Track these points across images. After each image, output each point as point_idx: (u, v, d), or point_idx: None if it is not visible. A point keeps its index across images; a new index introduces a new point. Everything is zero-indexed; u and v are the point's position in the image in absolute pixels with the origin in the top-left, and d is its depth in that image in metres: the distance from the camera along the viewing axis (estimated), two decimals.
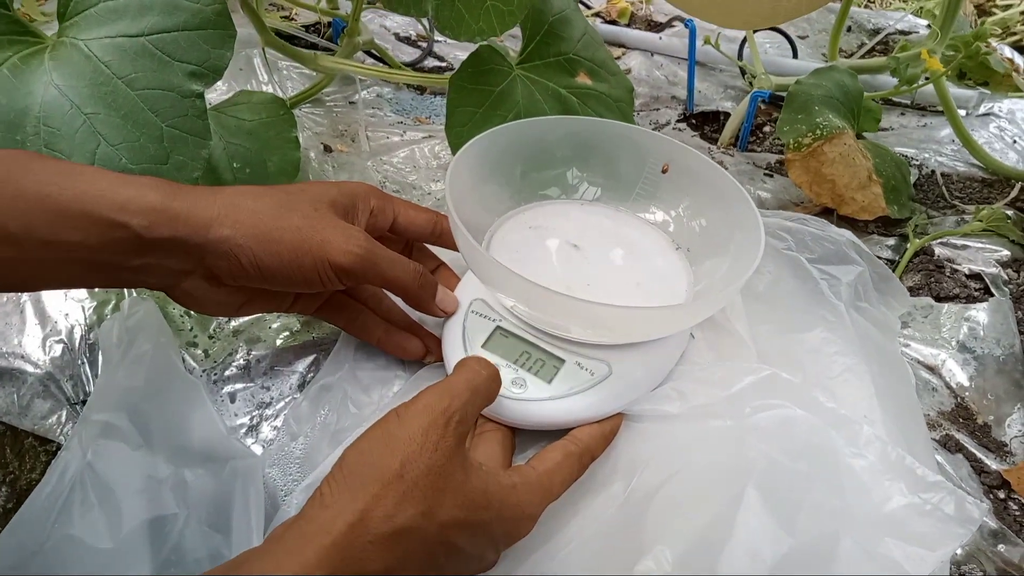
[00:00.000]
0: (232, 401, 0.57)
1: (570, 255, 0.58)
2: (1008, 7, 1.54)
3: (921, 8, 1.42)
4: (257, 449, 0.54)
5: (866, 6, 1.73)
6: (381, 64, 1.00)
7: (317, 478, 0.49)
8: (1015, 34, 1.45)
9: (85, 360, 0.59)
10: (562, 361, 0.50)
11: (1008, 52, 1.23)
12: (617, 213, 0.64)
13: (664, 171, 0.63)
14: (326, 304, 0.56)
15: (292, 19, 1.14)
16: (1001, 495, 0.57)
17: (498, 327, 0.53)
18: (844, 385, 0.55)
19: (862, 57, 1.22)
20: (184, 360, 0.58)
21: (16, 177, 0.40)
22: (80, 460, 0.51)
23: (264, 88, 0.94)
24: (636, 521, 0.45)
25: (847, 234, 0.69)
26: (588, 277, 0.56)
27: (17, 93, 0.54)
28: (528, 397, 0.48)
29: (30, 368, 0.59)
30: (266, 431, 0.55)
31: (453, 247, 0.57)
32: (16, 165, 0.41)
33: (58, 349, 0.60)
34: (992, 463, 0.59)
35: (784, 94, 0.82)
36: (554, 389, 0.49)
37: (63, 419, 0.58)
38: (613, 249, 0.60)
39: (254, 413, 0.56)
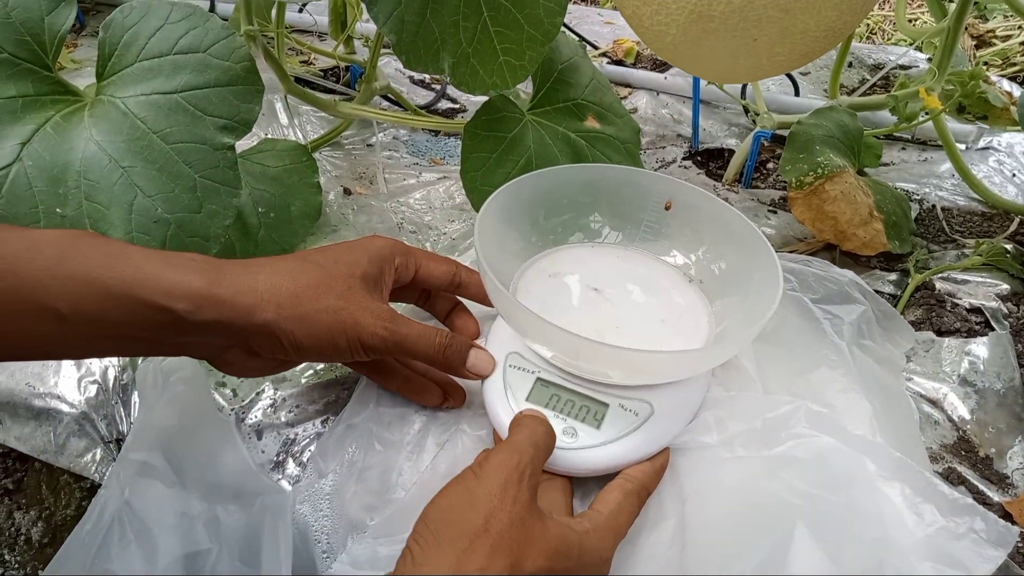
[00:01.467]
0: (259, 438, 0.59)
1: (594, 299, 0.61)
2: (1007, 38, 1.57)
3: (922, 43, 1.45)
4: (284, 485, 0.56)
5: (867, 39, 1.77)
6: (397, 108, 1.04)
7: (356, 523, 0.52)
8: (1015, 65, 1.48)
9: (119, 400, 0.62)
10: (606, 405, 0.52)
11: (1007, 85, 1.25)
12: (627, 253, 0.67)
13: (667, 208, 0.66)
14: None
15: (311, 63, 1.18)
16: None
17: (538, 378, 0.54)
18: (847, 422, 0.57)
19: (863, 93, 1.25)
20: (214, 400, 0.61)
21: (68, 259, 0.43)
22: (118, 498, 0.54)
23: (286, 132, 0.98)
24: (695, 562, 0.46)
25: (849, 274, 0.71)
26: (615, 319, 0.58)
27: (59, 149, 0.57)
28: (582, 445, 0.50)
29: (66, 408, 0.62)
30: (292, 467, 0.58)
31: (470, 297, 0.60)
32: (70, 247, 0.43)
33: (93, 390, 0.62)
34: (994, 495, 0.61)
35: (786, 132, 0.85)
36: (604, 434, 0.51)
37: (97, 457, 0.61)
38: (632, 289, 0.63)
39: (280, 450, 0.59)
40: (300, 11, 1.27)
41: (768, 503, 0.48)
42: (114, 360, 0.64)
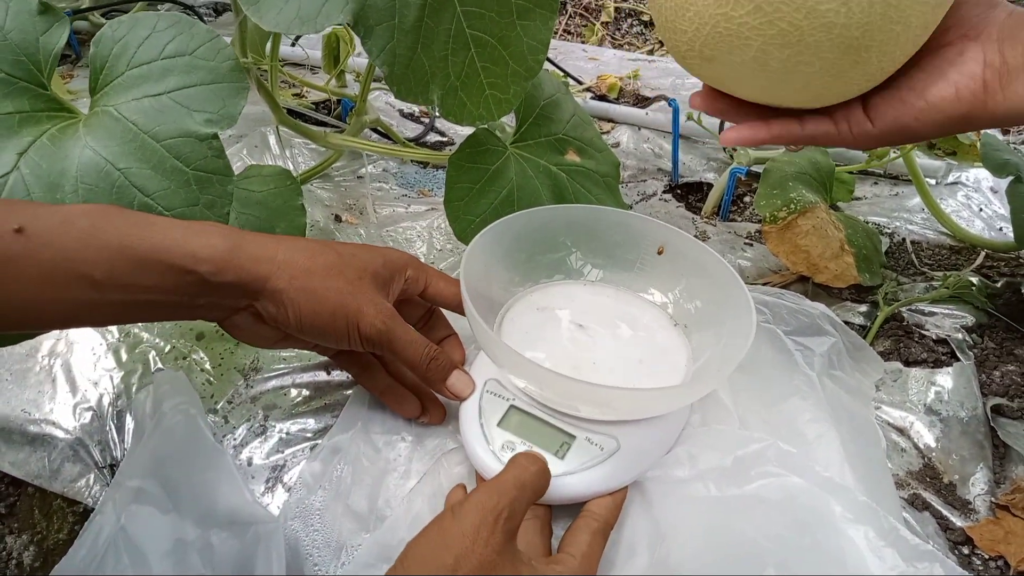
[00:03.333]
0: (249, 464, 0.61)
1: (576, 335, 0.63)
2: None
3: None
4: (274, 510, 0.58)
5: None
6: (387, 140, 1.07)
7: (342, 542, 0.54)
8: None
9: (113, 426, 0.63)
10: (573, 437, 0.54)
11: None
12: (618, 292, 0.69)
13: (660, 253, 0.68)
14: (346, 351, 0.60)
15: (303, 96, 1.20)
16: (965, 551, 0.61)
17: (512, 406, 0.56)
18: (816, 450, 0.59)
19: None
20: (208, 426, 0.63)
21: (100, 229, 0.46)
22: (114, 524, 0.55)
23: (278, 162, 1.00)
24: None
25: (820, 307, 0.74)
26: (594, 356, 0.60)
27: (56, 157, 0.59)
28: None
29: (61, 434, 0.63)
30: (281, 492, 0.59)
31: None
32: (101, 218, 0.47)
33: (87, 416, 0.64)
34: (957, 520, 0.63)
35: (761, 168, 0.88)
36: (567, 465, 0.52)
37: (91, 482, 0.62)
38: (616, 327, 0.64)
39: (271, 476, 0.60)
40: (293, 45, 1.30)
41: (740, 544, 0.50)
42: (108, 387, 0.65)
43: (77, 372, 0.67)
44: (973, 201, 1.07)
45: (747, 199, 1.06)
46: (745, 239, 0.96)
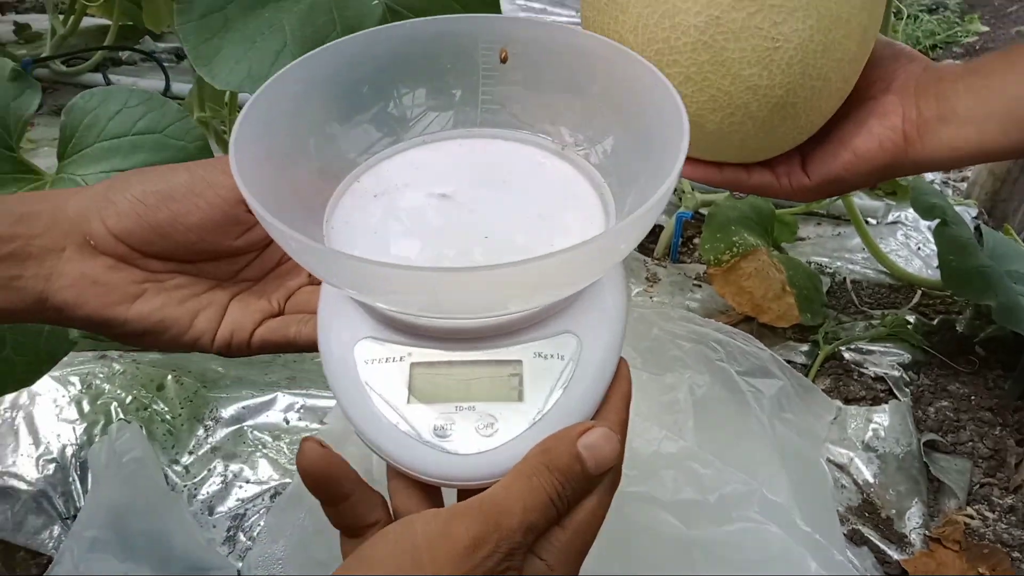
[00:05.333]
0: (210, 514, 0.63)
1: (444, 211, 0.43)
2: None
3: None
4: (234, 558, 0.59)
5: None
6: None
7: None
8: None
9: (76, 477, 0.65)
10: (519, 363, 0.37)
11: None
12: (471, 141, 0.48)
13: (503, 59, 0.47)
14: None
15: None
16: None
17: (413, 364, 0.37)
18: (767, 491, 0.61)
19: None
20: (168, 477, 0.64)
21: None
22: (71, 573, 0.56)
23: None
24: None
25: (767, 352, 0.77)
26: (480, 229, 0.41)
27: None
28: (511, 435, 0.35)
29: (24, 486, 0.64)
30: (243, 540, 0.61)
31: None
32: None
33: (51, 467, 0.65)
34: (894, 554, 0.66)
35: (706, 210, 0.92)
36: (532, 403, 0.36)
37: (55, 533, 0.63)
38: (490, 185, 0.45)
39: (231, 525, 0.62)
40: None
41: None
42: (71, 438, 0.66)
43: (40, 423, 0.68)
44: (912, 240, 1.12)
45: (695, 241, 1.10)
46: (694, 280, 1.00)
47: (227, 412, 0.70)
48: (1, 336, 0.58)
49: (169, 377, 0.71)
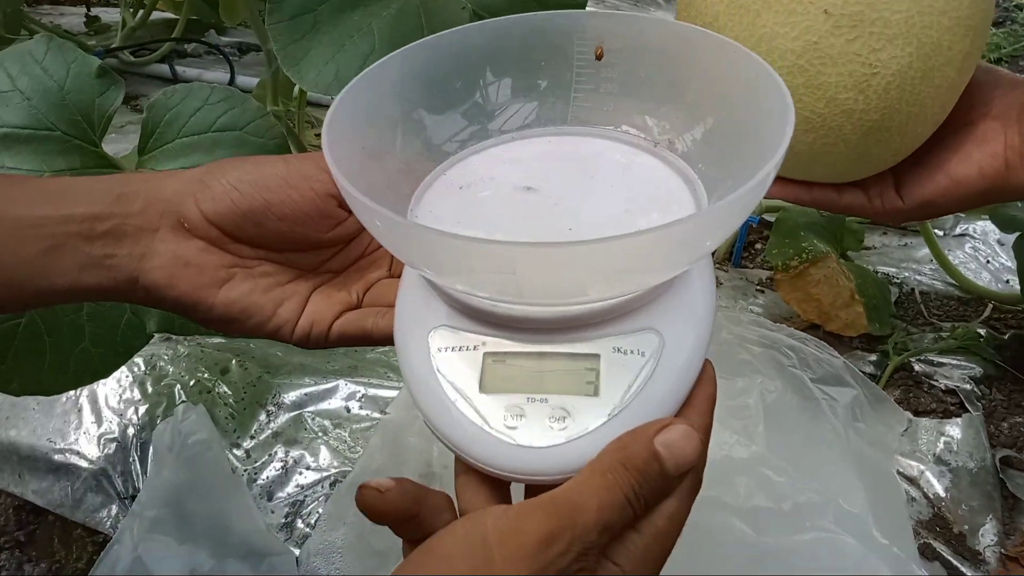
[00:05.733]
0: (269, 500, 0.62)
1: (529, 203, 0.42)
2: None
3: None
4: (292, 545, 0.59)
5: None
6: None
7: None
8: None
9: (136, 457, 0.65)
10: (596, 357, 0.36)
11: None
12: (560, 138, 0.48)
13: (599, 57, 0.46)
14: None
15: None
16: None
17: (486, 354, 0.37)
18: (840, 502, 0.59)
19: None
20: (227, 459, 0.64)
21: None
22: (131, 552, 0.57)
23: None
24: None
25: (840, 359, 0.75)
26: (565, 222, 0.40)
27: None
28: (582, 430, 0.34)
29: (85, 464, 0.65)
30: (300, 527, 0.60)
31: None
32: None
33: (112, 447, 0.65)
34: (967, 571, 0.64)
35: (772, 216, 0.90)
36: (608, 399, 0.34)
37: (112, 512, 0.63)
38: (577, 178, 0.44)
39: (290, 511, 0.62)
40: None
41: None
42: (133, 418, 0.67)
43: (103, 403, 0.68)
44: (980, 253, 1.08)
45: (758, 246, 1.08)
46: (757, 286, 0.97)
47: (289, 398, 0.69)
48: (80, 328, 0.59)
49: (233, 362, 0.71)
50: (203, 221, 0.38)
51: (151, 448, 0.64)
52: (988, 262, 1.07)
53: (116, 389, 0.69)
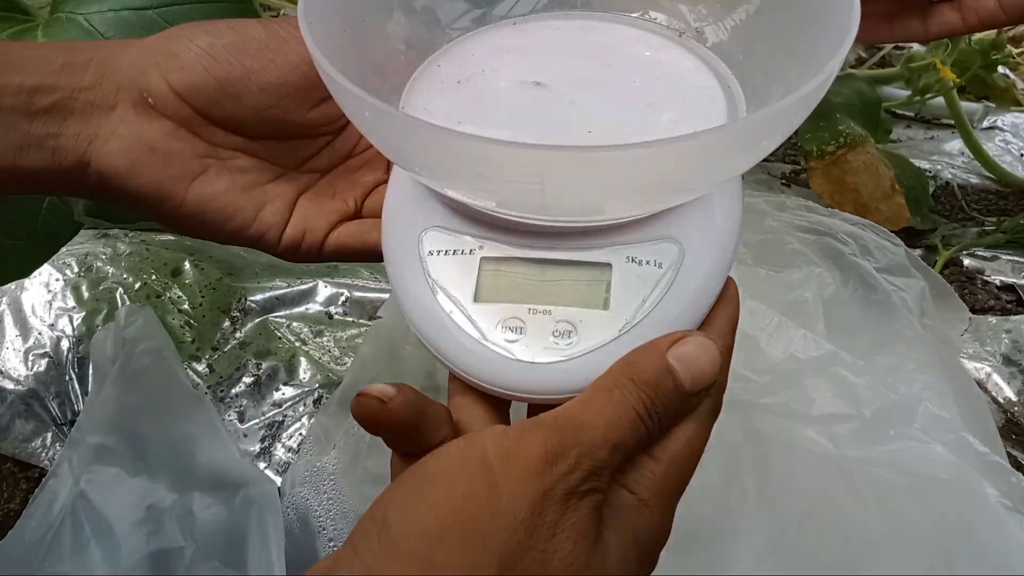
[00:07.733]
0: (241, 421, 0.53)
1: (538, 99, 0.37)
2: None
3: None
4: (271, 474, 0.49)
5: None
6: None
7: None
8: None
9: (73, 376, 0.55)
10: (608, 267, 0.32)
11: (1001, 69, 1.23)
12: (571, 22, 0.42)
13: None
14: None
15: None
16: None
17: (483, 259, 0.33)
18: (928, 405, 0.51)
19: (871, 66, 1.22)
20: (186, 374, 0.54)
21: None
22: (71, 488, 0.48)
23: None
24: None
25: (903, 247, 0.67)
26: (581, 122, 0.36)
27: None
28: (591, 345, 0.31)
29: (10, 385, 0.55)
30: (280, 453, 0.51)
31: None
32: None
33: (43, 363, 0.56)
34: None
35: None
36: (620, 313, 0.31)
37: (48, 442, 0.54)
38: (592, 71, 0.39)
39: (266, 434, 0.52)
40: None
41: (852, 526, 0.42)
42: (67, 329, 0.56)
43: (29, 312, 0.58)
44: (1012, 146, 1.01)
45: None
46: (781, 180, 0.88)
47: (258, 302, 0.59)
48: None
49: (187, 262, 0.60)
50: (172, 95, 0.33)
51: (90, 363, 0.54)
52: (1022, 155, 0.99)
53: (44, 295, 0.58)
